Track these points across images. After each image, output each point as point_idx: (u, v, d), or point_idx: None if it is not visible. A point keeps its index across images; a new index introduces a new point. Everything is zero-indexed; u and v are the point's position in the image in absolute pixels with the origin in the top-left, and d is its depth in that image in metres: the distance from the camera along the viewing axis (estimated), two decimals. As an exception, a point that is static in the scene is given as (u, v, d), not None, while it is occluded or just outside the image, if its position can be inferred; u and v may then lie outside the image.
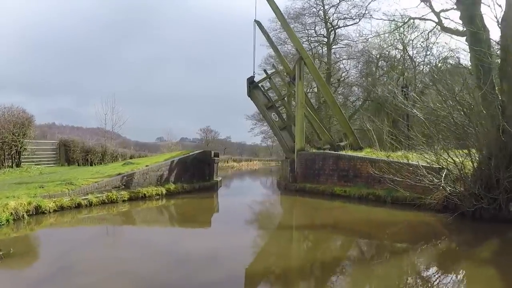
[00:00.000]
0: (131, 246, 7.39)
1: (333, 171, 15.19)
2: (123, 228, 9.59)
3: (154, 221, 10.35)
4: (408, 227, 9.30)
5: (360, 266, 6.14)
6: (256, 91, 18.38)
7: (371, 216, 10.71)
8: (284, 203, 13.99)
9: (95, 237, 8.35)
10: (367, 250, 7.27)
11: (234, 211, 11.59)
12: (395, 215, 10.59)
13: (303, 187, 16.02)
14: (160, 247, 7.18)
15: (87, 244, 7.52)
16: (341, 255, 6.91)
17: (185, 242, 7.48)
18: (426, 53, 31.77)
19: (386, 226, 9.26)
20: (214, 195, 15.44)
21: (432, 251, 7.14)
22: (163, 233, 8.74)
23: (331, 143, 17.34)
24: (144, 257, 6.43)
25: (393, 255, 6.75)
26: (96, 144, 27.78)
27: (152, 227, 9.55)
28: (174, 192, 14.03)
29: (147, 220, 10.58)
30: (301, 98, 17.19)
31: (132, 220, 10.62)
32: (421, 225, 9.47)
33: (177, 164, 14.75)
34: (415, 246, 7.40)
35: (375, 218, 10.22)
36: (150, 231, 9.04)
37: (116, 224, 10.01)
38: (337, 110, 17.61)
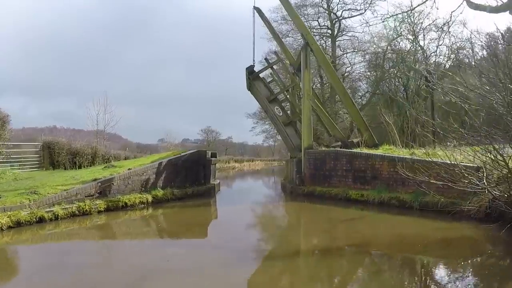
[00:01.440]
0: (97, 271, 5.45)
1: (347, 172, 13.26)
2: (94, 245, 7.65)
3: (124, 238, 8.43)
4: (458, 246, 7.30)
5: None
6: (256, 82, 16.45)
7: (401, 229, 8.78)
8: (292, 213, 11.98)
9: (57, 259, 6.46)
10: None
11: (231, 227, 9.37)
12: (431, 227, 8.69)
13: (312, 191, 14.09)
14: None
15: (44, 270, 5.61)
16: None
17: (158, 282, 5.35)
18: (439, 43, 29.73)
19: (425, 244, 7.31)
20: (210, 202, 13.53)
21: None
22: (126, 265, 6.68)
23: (343, 140, 15.40)
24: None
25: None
26: (85, 146, 26.05)
27: (116, 250, 7.60)
28: (163, 199, 12.14)
29: (121, 235, 8.66)
30: (308, 89, 15.26)
31: (108, 234, 8.74)
32: (471, 242, 7.48)
33: (166, 167, 12.84)
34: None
35: (408, 233, 8.27)
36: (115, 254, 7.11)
37: (89, 240, 8.12)
38: (348, 102, 15.66)
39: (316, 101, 16.34)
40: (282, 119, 16.19)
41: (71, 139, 28.53)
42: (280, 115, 16.15)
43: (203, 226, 9.57)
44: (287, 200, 14.71)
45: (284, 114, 16.27)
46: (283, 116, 16.19)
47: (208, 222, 10.03)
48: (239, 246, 7.14)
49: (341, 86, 15.95)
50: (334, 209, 11.66)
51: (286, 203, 14.03)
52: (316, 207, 12.27)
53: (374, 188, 12.37)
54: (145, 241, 8.10)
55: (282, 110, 16.27)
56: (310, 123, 15.17)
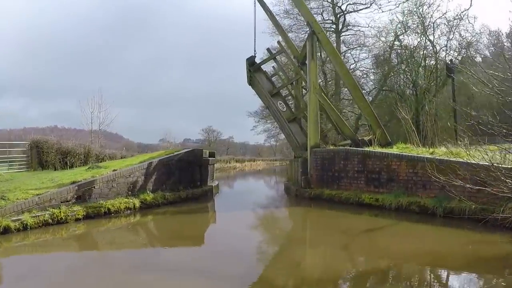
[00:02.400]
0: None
1: (359, 173, 11.98)
2: (68, 260, 6.40)
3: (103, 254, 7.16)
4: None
5: None
6: (257, 75, 15.17)
7: (431, 243, 7.49)
8: (299, 222, 10.55)
9: (23, 277, 5.25)
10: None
11: (226, 241, 7.72)
12: (465, 240, 7.43)
13: (319, 194, 12.81)
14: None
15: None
16: None
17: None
18: (449, 37, 28.44)
19: (468, 263, 5.96)
20: (206, 207, 12.28)
21: None
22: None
23: (353, 138, 14.09)
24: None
25: None
26: (77, 145, 24.91)
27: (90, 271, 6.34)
28: (152, 204, 10.90)
29: (102, 247, 7.39)
30: (315, 81, 13.96)
31: (88, 245, 7.48)
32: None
33: (157, 167, 11.57)
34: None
35: (442, 250, 6.89)
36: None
37: (64, 252, 6.89)
38: (359, 96, 14.36)
39: (324, 95, 15.02)
40: (286, 115, 14.89)
41: (63, 138, 27.40)
42: (284, 111, 14.85)
43: (193, 240, 8.22)
44: (291, 205, 13.42)
45: (288, 110, 14.99)
46: (287, 112, 14.89)
47: (199, 235, 8.65)
48: (234, 271, 5.79)
49: (351, 78, 14.65)
50: (346, 216, 10.38)
51: (291, 208, 12.72)
52: (326, 213, 10.99)
53: (390, 191, 11.11)
54: (114, 264, 6.67)
55: (286, 105, 14.98)
56: (317, 120, 13.88)
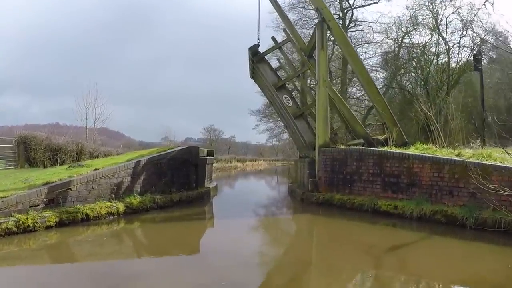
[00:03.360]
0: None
1: (375, 176, 10.72)
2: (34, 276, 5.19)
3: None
4: None
5: None
6: (261, 66, 13.89)
7: (476, 265, 6.08)
8: (308, 234, 9.01)
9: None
10: None
11: (221, 263, 6.08)
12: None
13: (329, 198, 11.56)
14: None
15: None
16: None
17: None
18: (462, 33, 27.15)
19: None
20: (201, 212, 10.97)
21: None
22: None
23: (366, 137, 12.80)
24: None
25: None
26: (68, 142, 23.77)
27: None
28: (140, 208, 9.68)
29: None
30: (324, 74, 12.68)
31: (61, 258, 6.26)
32: None
33: (146, 167, 10.33)
34: None
35: (496, 279, 5.53)
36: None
37: (31, 265, 5.66)
38: (374, 91, 13.09)
39: (334, 89, 13.72)
40: (291, 110, 13.60)
41: (54, 134, 26.32)
42: (290, 106, 13.56)
43: (180, 259, 6.90)
44: (297, 211, 12.13)
45: (294, 105, 13.71)
46: (293, 107, 13.60)
47: (190, 250, 7.33)
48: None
49: (364, 71, 13.36)
50: (362, 227, 9.11)
51: (297, 215, 11.40)
52: (338, 222, 9.71)
53: (411, 198, 9.87)
54: (93, 280, 5.48)
55: (292, 100, 13.69)
56: (326, 116, 12.59)
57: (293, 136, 16.42)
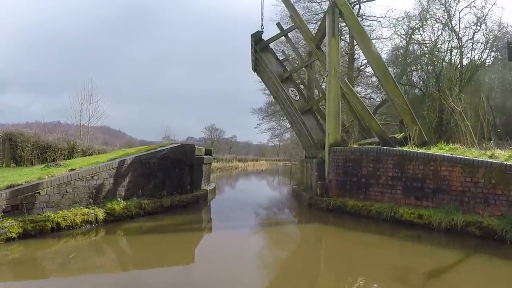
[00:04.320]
0: None
1: (395, 180, 9.48)
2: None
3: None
4: None
5: None
6: (265, 55, 12.63)
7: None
8: (320, 252, 7.45)
9: None
10: None
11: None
12: None
13: (341, 205, 10.33)
14: None
15: None
16: None
17: None
18: (476, 28, 25.90)
19: None
20: (195, 220, 9.71)
21: None
22: None
23: (381, 135, 11.52)
24: None
25: None
26: (59, 139, 22.62)
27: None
28: (123, 215, 8.46)
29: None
30: (336, 63, 11.43)
31: (26, 275, 5.09)
32: None
33: (132, 167, 9.10)
34: None
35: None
36: None
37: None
38: (390, 84, 11.82)
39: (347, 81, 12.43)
40: (298, 104, 12.32)
41: (45, 132, 25.27)
42: (297, 100, 12.29)
43: (168, 272, 5.68)
44: (305, 219, 10.87)
45: (302, 98, 12.42)
46: (300, 101, 12.32)
47: (176, 277, 6.06)
48: None
49: (381, 62, 12.09)
50: (386, 241, 7.93)
51: (306, 225, 10.05)
52: (355, 234, 8.47)
53: (438, 205, 8.66)
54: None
55: (299, 93, 12.41)
56: (338, 111, 11.34)
57: (299, 134, 15.17)
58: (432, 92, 24.44)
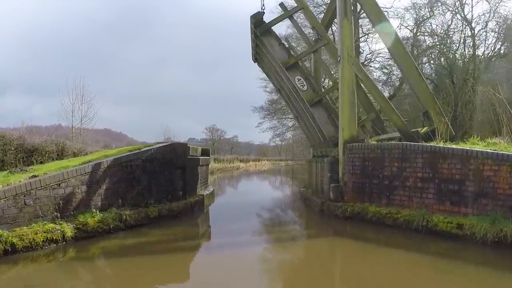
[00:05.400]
0: None
1: (425, 182, 8.11)
2: None
3: None
4: None
5: None
6: (267, 39, 11.22)
7: None
8: (338, 276, 6.11)
9: None
10: None
11: None
12: None
13: (360, 211, 8.97)
14: None
15: None
16: None
17: None
18: (490, 16, 24.53)
19: None
20: (187, 236, 8.26)
21: None
22: None
23: (404, 130, 10.12)
24: None
25: None
26: (47, 141, 21.26)
27: None
28: (98, 230, 7.13)
29: None
30: (349, 46, 10.09)
31: None
32: None
33: (110, 171, 7.72)
34: None
35: None
36: None
37: None
38: (413, 71, 10.49)
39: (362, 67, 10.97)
40: (307, 95, 10.90)
41: (33, 133, 24.01)
42: (304, 90, 10.87)
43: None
44: (319, 230, 9.41)
45: (310, 88, 10.98)
46: (308, 91, 10.90)
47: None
48: None
49: (401, 46, 10.70)
50: (420, 260, 6.43)
51: (320, 240, 8.39)
52: (381, 253, 6.98)
53: (481, 212, 7.35)
54: None
55: (307, 82, 10.97)
56: (354, 101, 9.93)
57: (306, 130, 13.75)
58: (447, 84, 23.00)
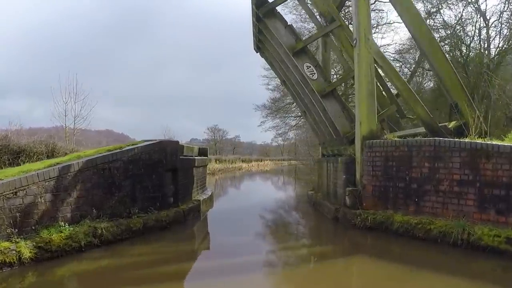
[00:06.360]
0: None
1: (463, 186, 6.85)
2: None
3: None
4: None
5: None
6: (271, 22, 9.94)
7: None
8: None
9: None
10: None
11: None
12: None
13: (384, 220, 7.73)
14: None
15: None
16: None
17: None
18: (504, 7, 23.03)
19: None
20: (176, 256, 6.93)
21: None
22: None
23: (431, 124, 8.82)
24: None
25: None
26: (35, 142, 20.09)
27: None
28: (65, 249, 5.86)
29: None
30: (366, 28, 8.81)
31: None
32: None
33: (82, 176, 6.48)
34: None
35: None
36: None
37: None
38: (440, 57, 9.23)
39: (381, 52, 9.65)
40: (317, 85, 9.60)
41: (18, 134, 22.87)
42: (315, 79, 9.58)
43: None
44: (335, 245, 8.01)
45: (321, 77, 9.68)
46: (319, 81, 9.61)
47: None
48: None
49: (424, 27, 9.37)
50: (466, 283, 5.18)
51: (337, 258, 6.93)
52: (414, 275, 5.69)
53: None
54: None
55: (317, 70, 9.67)
56: (373, 91, 8.64)
57: (315, 126, 12.44)
58: (463, 77, 21.62)
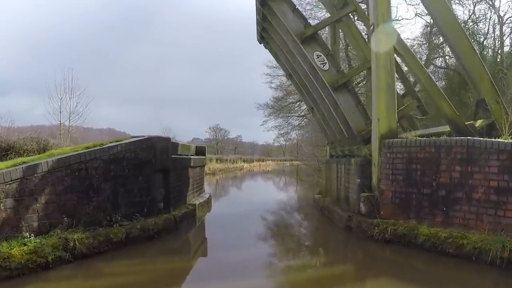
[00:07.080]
0: None
1: (502, 194, 6.03)
2: None
3: None
4: None
5: None
6: (276, 5, 9.05)
7: None
8: None
9: None
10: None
11: None
12: None
13: (406, 233, 6.76)
14: None
15: None
16: None
17: None
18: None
19: None
20: (163, 273, 5.93)
21: None
22: None
23: (457, 123, 7.85)
24: None
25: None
26: (26, 139, 19.30)
27: None
28: (28, 266, 4.82)
29: None
30: (385, 13, 7.79)
31: None
32: None
33: (52, 178, 5.57)
34: None
35: None
36: None
37: None
38: (466, 47, 8.32)
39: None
40: (329, 77, 8.64)
41: (7, 131, 22.21)
42: (326, 70, 8.62)
43: None
44: (349, 266, 6.85)
45: (334, 67, 8.71)
46: (330, 71, 8.64)
47: None
48: None
49: (450, 14, 8.44)
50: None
51: (353, 280, 5.88)
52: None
53: None
54: None
55: (329, 60, 8.70)
56: (392, 84, 7.69)
57: (324, 123, 11.44)
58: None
